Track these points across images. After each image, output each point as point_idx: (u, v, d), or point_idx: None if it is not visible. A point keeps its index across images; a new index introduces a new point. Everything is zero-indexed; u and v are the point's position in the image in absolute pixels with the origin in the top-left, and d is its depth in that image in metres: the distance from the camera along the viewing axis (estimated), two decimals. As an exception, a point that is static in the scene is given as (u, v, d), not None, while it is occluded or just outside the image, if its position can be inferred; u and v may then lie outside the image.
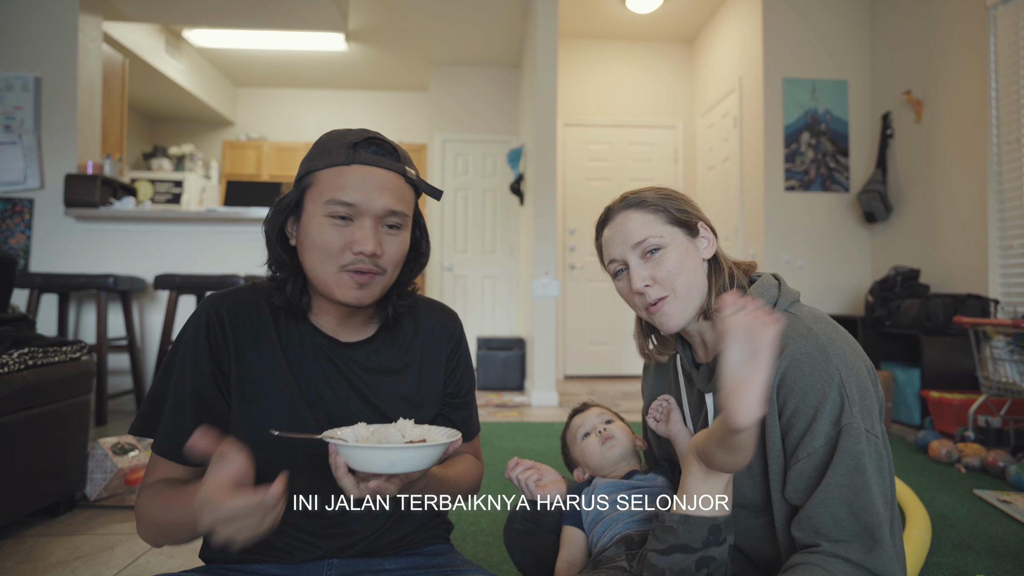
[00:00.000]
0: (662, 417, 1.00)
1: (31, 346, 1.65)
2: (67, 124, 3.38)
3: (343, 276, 0.79)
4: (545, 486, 1.09)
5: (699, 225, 0.94)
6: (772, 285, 0.91)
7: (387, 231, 0.81)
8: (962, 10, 3.30)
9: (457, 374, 0.99)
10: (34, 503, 1.63)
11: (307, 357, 0.87)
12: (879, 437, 0.78)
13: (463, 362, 1.00)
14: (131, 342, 3.21)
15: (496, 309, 5.57)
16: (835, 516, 0.75)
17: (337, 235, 0.78)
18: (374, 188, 0.78)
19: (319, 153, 0.81)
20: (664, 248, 0.91)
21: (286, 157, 6.45)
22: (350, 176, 0.78)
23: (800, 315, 0.86)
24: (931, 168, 3.54)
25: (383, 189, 0.79)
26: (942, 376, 3.00)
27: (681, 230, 0.92)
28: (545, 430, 3.01)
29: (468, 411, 1.01)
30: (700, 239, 0.94)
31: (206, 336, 0.84)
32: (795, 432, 0.80)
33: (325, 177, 0.79)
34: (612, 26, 5.03)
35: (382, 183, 0.79)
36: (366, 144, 0.80)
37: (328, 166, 0.79)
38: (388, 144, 0.83)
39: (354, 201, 0.78)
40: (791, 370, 0.81)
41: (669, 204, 0.93)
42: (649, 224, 0.91)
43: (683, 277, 0.90)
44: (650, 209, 0.92)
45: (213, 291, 0.91)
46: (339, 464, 0.69)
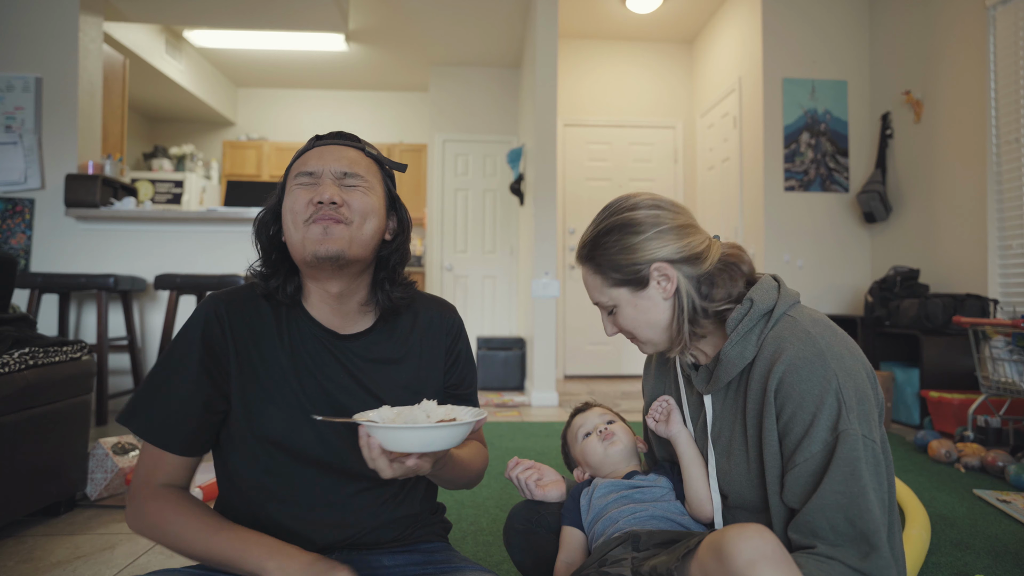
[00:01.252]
0: (662, 418, 1.01)
1: (32, 346, 1.65)
2: (68, 124, 3.38)
3: (310, 227, 0.83)
4: (545, 486, 1.09)
5: (651, 271, 0.90)
6: (771, 287, 0.90)
7: (347, 188, 0.86)
8: (961, 10, 3.30)
9: (459, 366, 1.01)
10: (35, 503, 1.63)
11: (307, 351, 0.89)
12: (877, 442, 0.78)
13: (464, 354, 1.02)
14: (131, 342, 3.21)
15: (496, 309, 5.57)
16: (831, 522, 0.75)
17: (302, 194, 0.85)
18: (331, 157, 0.87)
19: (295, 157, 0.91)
20: (617, 307, 0.94)
21: (286, 157, 6.44)
22: (311, 154, 0.88)
23: (799, 318, 0.86)
24: (930, 168, 3.54)
25: (339, 158, 0.87)
26: (941, 376, 3.00)
27: (626, 288, 0.92)
28: (545, 430, 3.01)
29: (470, 403, 1.02)
30: (651, 287, 0.91)
31: (204, 333, 0.86)
32: (792, 437, 0.80)
33: (295, 166, 0.89)
34: (612, 26, 5.03)
35: (339, 154, 0.88)
36: (329, 136, 0.91)
37: (297, 156, 0.90)
38: (351, 135, 0.92)
39: (313, 169, 0.86)
40: (788, 375, 0.81)
41: (608, 264, 0.92)
42: (598, 287, 0.95)
43: (640, 328, 0.94)
44: (596, 270, 0.95)
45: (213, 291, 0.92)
46: (373, 446, 0.71)
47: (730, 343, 0.87)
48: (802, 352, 0.81)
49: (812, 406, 0.78)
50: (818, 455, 0.77)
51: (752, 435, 0.87)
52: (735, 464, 0.89)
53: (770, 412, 0.82)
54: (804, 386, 0.79)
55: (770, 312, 0.88)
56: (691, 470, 0.96)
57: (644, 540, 0.88)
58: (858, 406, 0.78)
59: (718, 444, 0.93)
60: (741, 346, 0.87)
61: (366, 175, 0.88)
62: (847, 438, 0.76)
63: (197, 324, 0.86)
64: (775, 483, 0.83)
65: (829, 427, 0.77)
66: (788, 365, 0.81)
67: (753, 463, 0.86)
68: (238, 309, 0.89)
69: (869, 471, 0.76)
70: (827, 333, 0.83)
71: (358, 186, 0.87)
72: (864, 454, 0.76)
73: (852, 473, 0.75)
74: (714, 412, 0.94)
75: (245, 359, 0.86)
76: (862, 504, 0.74)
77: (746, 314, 0.87)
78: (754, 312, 0.87)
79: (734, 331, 0.87)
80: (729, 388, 0.92)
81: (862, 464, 0.75)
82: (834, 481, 0.75)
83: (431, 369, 0.97)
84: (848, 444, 0.76)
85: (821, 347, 0.81)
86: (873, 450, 0.77)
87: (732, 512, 0.92)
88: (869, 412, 0.79)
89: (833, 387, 0.78)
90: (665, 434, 1.00)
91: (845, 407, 0.77)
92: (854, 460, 0.75)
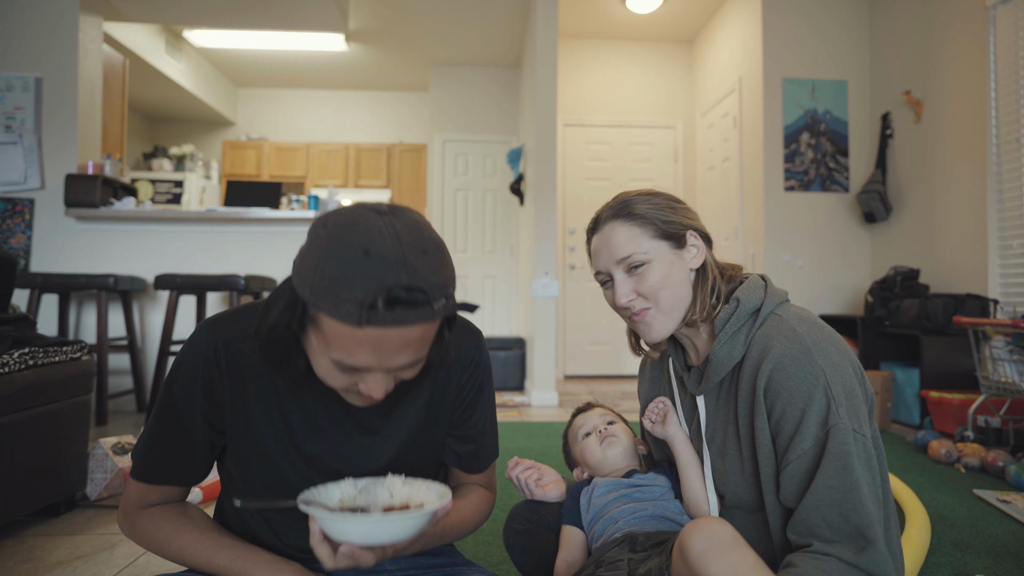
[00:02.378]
0: (658, 419, 1.01)
1: (32, 346, 1.65)
2: (67, 124, 3.38)
3: (350, 396, 0.73)
4: (545, 486, 1.09)
5: (688, 235, 0.93)
6: (759, 287, 0.91)
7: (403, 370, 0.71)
8: (962, 10, 3.30)
9: (465, 404, 0.89)
10: (34, 503, 1.63)
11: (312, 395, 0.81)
12: (867, 436, 0.78)
13: (478, 391, 0.90)
14: (131, 342, 3.21)
15: (496, 309, 5.57)
16: (826, 518, 0.75)
17: (344, 378, 0.69)
18: (391, 350, 0.65)
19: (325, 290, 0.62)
20: (648, 263, 0.90)
21: (286, 157, 6.45)
22: (361, 340, 0.63)
23: (785, 317, 0.86)
24: (931, 168, 3.54)
25: (402, 348, 0.65)
26: (941, 376, 3.00)
27: (668, 243, 0.92)
28: (545, 430, 3.01)
29: (475, 444, 0.92)
30: (688, 249, 0.93)
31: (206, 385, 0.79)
32: (784, 435, 0.80)
33: (330, 329, 0.64)
34: (612, 26, 5.03)
35: (401, 343, 0.65)
36: (389, 302, 0.62)
37: (335, 318, 0.63)
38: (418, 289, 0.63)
39: (364, 365, 0.66)
40: (776, 372, 0.81)
41: (656, 216, 0.92)
42: (634, 239, 0.91)
43: (666, 291, 0.91)
44: (637, 222, 0.91)
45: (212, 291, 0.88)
46: (315, 531, 0.65)
47: (718, 343, 0.88)
48: (789, 350, 0.81)
49: (801, 403, 0.79)
50: (810, 451, 0.77)
51: (745, 435, 0.87)
52: (729, 464, 0.90)
53: (761, 411, 0.83)
54: (792, 383, 0.79)
55: (757, 311, 0.88)
56: (687, 471, 0.96)
57: (642, 541, 0.88)
58: (847, 401, 0.78)
59: (712, 445, 0.93)
60: (730, 346, 0.88)
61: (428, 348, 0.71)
62: (837, 432, 0.76)
63: (197, 368, 0.78)
64: (770, 482, 0.83)
65: (819, 423, 0.77)
66: (775, 363, 0.81)
67: (747, 463, 0.87)
68: (239, 349, 0.79)
69: (861, 465, 0.76)
70: (813, 330, 0.84)
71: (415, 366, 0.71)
72: (855, 448, 0.76)
73: (844, 467, 0.75)
74: (707, 413, 0.94)
75: (238, 398, 0.80)
76: (855, 498, 0.74)
77: (733, 314, 0.89)
78: (741, 312, 0.88)
79: (722, 331, 0.89)
80: (721, 388, 0.93)
81: (853, 458, 0.75)
82: (826, 476, 0.75)
83: (441, 408, 0.88)
84: (838, 438, 0.76)
85: (808, 344, 0.81)
86: (864, 444, 0.77)
87: (728, 512, 0.93)
88: (858, 407, 0.79)
89: (821, 383, 0.78)
90: (662, 435, 1.00)
91: (834, 402, 0.78)
92: (845, 454, 0.75)
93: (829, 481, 0.75)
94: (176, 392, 0.79)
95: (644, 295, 0.91)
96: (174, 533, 0.79)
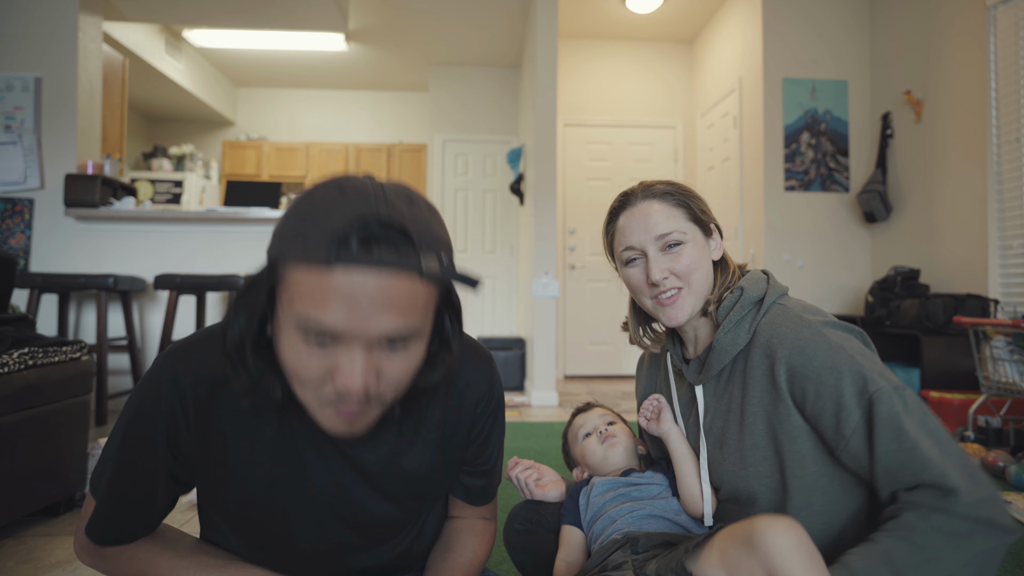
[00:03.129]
0: (652, 416, 1.01)
1: (31, 346, 1.65)
2: (67, 124, 3.38)
3: (326, 410, 0.60)
4: (545, 486, 1.09)
5: (712, 226, 0.97)
6: (761, 279, 0.93)
7: (387, 352, 0.58)
8: (962, 10, 3.30)
9: (480, 440, 0.81)
10: (34, 503, 1.63)
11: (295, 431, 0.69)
12: (901, 386, 0.77)
13: (493, 428, 0.82)
14: (131, 342, 3.21)
15: (496, 309, 5.56)
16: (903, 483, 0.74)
17: (314, 362, 0.57)
18: (368, 307, 0.53)
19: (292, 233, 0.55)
20: (684, 243, 0.93)
21: (286, 157, 6.45)
22: (331, 286, 0.53)
23: (789, 305, 0.88)
24: (931, 168, 3.54)
25: (382, 306, 0.54)
26: (942, 376, 3.00)
27: (700, 229, 0.95)
28: (545, 430, 3.01)
29: (487, 479, 0.85)
30: (713, 239, 0.97)
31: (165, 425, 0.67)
32: (827, 416, 0.79)
33: (297, 281, 0.54)
34: (612, 26, 5.03)
35: (381, 298, 0.54)
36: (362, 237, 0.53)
37: (300, 260, 0.53)
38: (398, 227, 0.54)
39: (334, 325, 0.54)
40: (797, 358, 0.81)
41: (692, 202, 0.95)
42: (673, 218, 0.93)
43: (698, 273, 0.93)
44: (673, 203, 0.94)
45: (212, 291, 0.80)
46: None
47: (722, 330, 0.90)
48: (803, 334, 0.82)
49: (832, 379, 0.78)
50: (861, 423, 0.76)
51: (753, 423, 0.87)
52: (727, 455, 0.90)
53: (783, 400, 0.83)
54: (817, 362, 0.80)
55: (760, 300, 0.90)
56: (683, 467, 0.96)
57: (643, 542, 0.88)
58: (872, 364, 0.79)
59: (710, 436, 0.94)
60: (734, 333, 0.89)
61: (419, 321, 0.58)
62: (880, 398, 0.75)
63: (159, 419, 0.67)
64: (794, 464, 0.82)
65: (857, 392, 0.77)
66: (792, 349, 0.82)
67: (748, 452, 0.87)
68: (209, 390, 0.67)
69: (913, 420, 0.74)
70: (819, 314, 0.86)
71: (405, 346, 0.59)
72: (900, 404, 0.75)
73: (897, 430, 0.74)
74: (706, 403, 0.95)
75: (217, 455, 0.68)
76: (920, 456, 0.72)
77: (737, 302, 0.90)
78: (744, 300, 0.90)
79: (726, 319, 0.90)
80: (720, 379, 0.93)
81: (902, 418, 0.74)
82: (884, 442, 0.74)
83: (452, 448, 0.78)
84: (883, 403, 0.75)
85: (816, 326, 0.83)
86: (904, 395, 0.76)
87: (722, 506, 0.94)
88: (880, 364, 0.80)
89: (845, 355, 0.79)
90: (656, 432, 1.00)
91: (864, 368, 0.78)
92: (894, 416, 0.74)
93: (889, 446, 0.74)
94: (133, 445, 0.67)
95: (678, 274, 0.92)
96: (149, 563, 0.70)
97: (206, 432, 0.67)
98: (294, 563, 0.74)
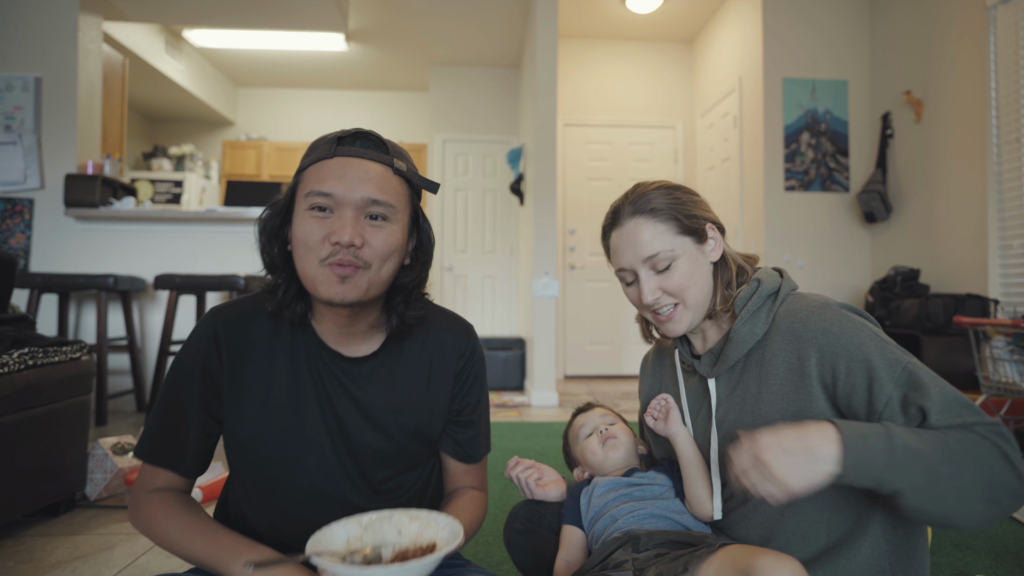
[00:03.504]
0: (660, 415, 1.00)
1: (31, 346, 1.65)
2: (67, 124, 3.38)
3: (324, 270, 0.77)
4: (545, 485, 1.09)
5: (707, 228, 0.94)
6: (775, 273, 0.95)
7: (370, 223, 0.78)
8: (962, 10, 3.30)
9: (464, 391, 0.94)
10: (34, 503, 1.63)
11: (309, 370, 0.85)
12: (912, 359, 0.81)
13: (474, 380, 0.95)
14: (131, 342, 3.21)
15: (496, 309, 5.56)
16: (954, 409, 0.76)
17: (317, 227, 0.76)
18: (354, 178, 0.77)
19: (308, 152, 0.81)
20: (675, 260, 0.91)
21: (286, 157, 6.45)
22: (330, 167, 0.77)
23: (805, 295, 0.90)
24: (931, 168, 3.54)
25: (364, 180, 0.77)
26: (942, 376, 2.98)
27: (691, 239, 0.92)
28: (545, 430, 3.01)
29: (475, 430, 0.96)
30: (708, 242, 0.94)
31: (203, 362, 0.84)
32: (860, 391, 0.80)
33: (309, 173, 0.79)
34: (612, 26, 5.03)
35: (363, 174, 0.77)
36: (352, 138, 0.80)
37: (313, 162, 0.79)
38: (376, 137, 0.81)
39: (331, 191, 0.76)
40: (824, 337, 0.83)
41: (679, 211, 0.92)
42: (659, 236, 0.90)
43: (692, 288, 0.91)
44: (660, 217, 0.91)
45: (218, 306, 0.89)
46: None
47: (740, 321, 0.90)
48: (826, 315, 0.84)
49: (862, 353, 0.80)
50: (895, 394, 0.78)
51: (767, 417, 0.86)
52: None
53: (808, 385, 0.83)
54: (846, 339, 0.81)
55: (776, 292, 0.91)
56: (690, 468, 0.96)
57: (644, 541, 0.88)
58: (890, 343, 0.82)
59: (722, 429, 0.93)
60: (751, 323, 0.90)
61: (393, 201, 0.79)
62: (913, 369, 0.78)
63: (197, 351, 0.84)
64: None
65: (888, 364, 0.79)
66: (819, 331, 0.83)
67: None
68: (239, 329, 0.85)
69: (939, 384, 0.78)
70: (833, 302, 0.87)
71: (384, 222, 0.79)
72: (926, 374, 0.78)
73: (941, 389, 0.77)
74: (719, 397, 0.94)
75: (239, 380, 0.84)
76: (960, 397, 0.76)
77: (754, 293, 0.91)
78: (761, 291, 0.91)
79: (743, 309, 0.90)
80: (735, 371, 0.93)
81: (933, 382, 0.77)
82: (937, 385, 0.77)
83: (438, 397, 0.92)
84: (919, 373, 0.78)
85: (836, 308, 0.85)
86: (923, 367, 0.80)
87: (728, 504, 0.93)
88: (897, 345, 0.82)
89: (869, 333, 0.81)
90: (664, 432, 1.00)
91: (887, 345, 0.80)
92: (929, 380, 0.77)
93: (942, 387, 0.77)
94: (175, 374, 0.85)
95: (671, 292, 0.91)
96: (163, 518, 0.80)
97: (233, 364, 0.84)
98: (300, 511, 0.84)
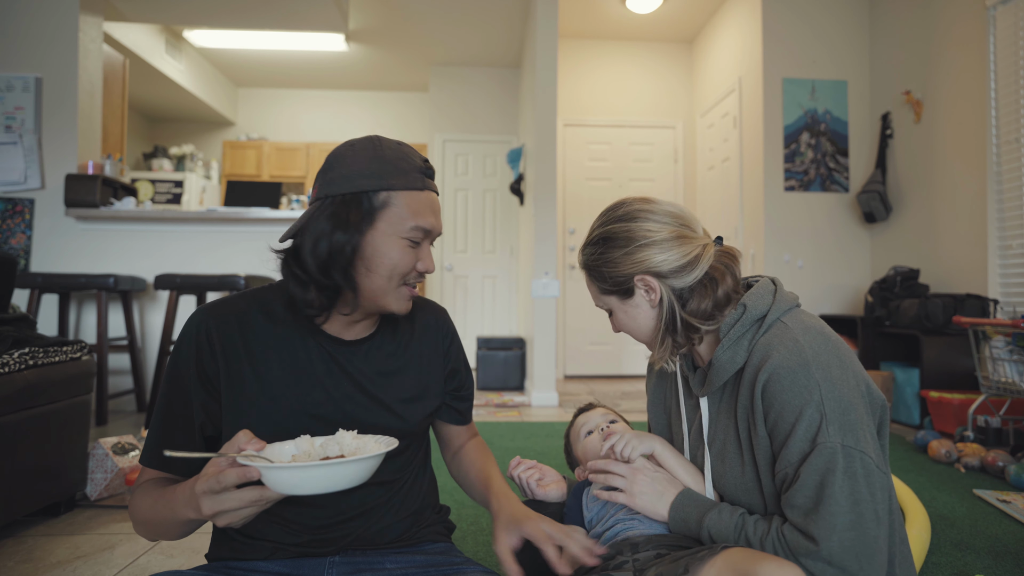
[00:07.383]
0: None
1: (32, 346, 1.65)
2: (67, 124, 3.38)
3: (402, 290, 0.86)
4: (546, 486, 1.09)
5: (636, 282, 0.91)
6: (767, 292, 0.90)
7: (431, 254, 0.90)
8: (961, 10, 3.30)
9: (458, 371, 1.04)
10: (35, 503, 1.63)
11: (309, 358, 0.88)
12: (868, 453, 0.77)
13: (460, 357, 1.06)
14: (131, 342, 3.21)
15: (496, 309, 5.57)
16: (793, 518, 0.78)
17: (410, 256, 0.84)
18: (438, 215, 0.87)
19: (392, 171, 0.82)
20: (612, 310, 0.97)
21: (286, 157, 6.45)
22: (424, 201, 0.84)
23: (791, 325, 0.85)
24: (931, 168, 3.54)
25: (439, 215, 0.87)
26: (941, 376, 3.00)
27: (615, 297, 0.95)
28: (545, 430, 3.01)
29: (470, 399, 1.09)
30: (639, 296, 0.93)
31: (197, 362, 0.84)
32: (777, 443, 0.82)
33: (404, 200, 0.83)
34: (612, 26, 5.03)
35: (438, 209, 0.88)
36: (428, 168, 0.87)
37: (406, 188, 0.83)
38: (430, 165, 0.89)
39: (431, 228, 0.85)
40: (771, 383, 0.81)
41: (604, 271, 0.94)
42: (595, 293, 0.99)
43: (634, 332, 0.97)
44: (592, 276, 0.97)
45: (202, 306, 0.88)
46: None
47: (722, 347, 0.88)
48: (786, 360, 0.80)
49: (792, 416, 0.79)
50: (795, 464, 0.79)
51: (744, 438, 0.88)
52: (729, 467, 0.90)
53: (759, 416, 0.84)
54: (786, 395, 0.79)
55: (763, 318, 0.88)
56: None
57: (643, 544, 0.88)
58: (841, 417, 0.77)
59: (713, 447, 0.93)
60: (732, 351, 0.87)
61: None
62: (823, 451, 0.76)
63: (189, 353, 0.84)
64: (769, 484, 0.84)
65: (808, 438, 0.78)
66: (771, 373, 0.81)
67: (747, 467, 0.87)
68: (229, 326, 0.86)
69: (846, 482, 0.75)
70: (817, 340, 0.82)
71: None
72: (844, 464, 0.75)
73: (820, 484, 0.76)
74: (710, 415, 0.95)
75: (234, 374, 0.84)
76: (823, 511, 0.74)
77: (738, 319, 0.88)
78: (746, 318, 0.87)
79: (726, 336, 0.88)
80: (724, 392, 0.93)
81: (834, 476, 0.75)
82: (804, 487, 0.77)
83: (431, 373, 0.99)
84: (823, 456, 0.76)
85: (807, 356, 0.80)
86: (862, 460, 0.76)
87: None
88: (857, 423, 0.78)
89: (815, 398, 0.78)
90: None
91: (825, 419, 0.77)
92: (825, 472, 0.76)
93: (806, 492, 0.76)
94: (172, 382, 0.86)
95: (620, 331, 0.99)
96: (142, 498, 0.80)
97: (228, 360, 0.84)
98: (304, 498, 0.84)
